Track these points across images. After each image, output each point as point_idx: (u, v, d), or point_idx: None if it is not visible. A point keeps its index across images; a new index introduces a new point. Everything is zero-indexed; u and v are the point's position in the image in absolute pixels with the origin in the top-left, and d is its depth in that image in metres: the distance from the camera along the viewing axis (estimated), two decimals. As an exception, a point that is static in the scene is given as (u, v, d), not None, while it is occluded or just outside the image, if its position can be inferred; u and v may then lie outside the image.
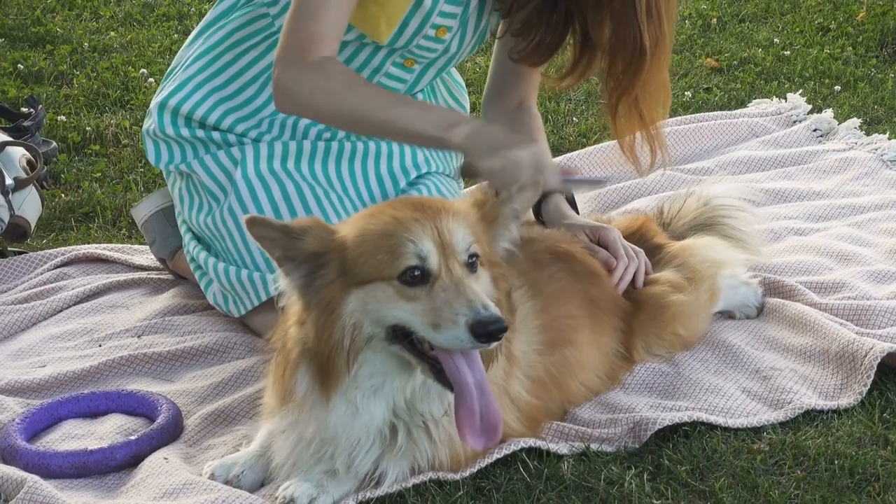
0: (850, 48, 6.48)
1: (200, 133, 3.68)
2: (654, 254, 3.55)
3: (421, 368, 2.68)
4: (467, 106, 4.06)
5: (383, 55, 3.59)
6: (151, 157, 3.77)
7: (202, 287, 3.74)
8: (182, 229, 3.82)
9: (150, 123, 3.76)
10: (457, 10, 3.52)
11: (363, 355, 2.68)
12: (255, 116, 3.65)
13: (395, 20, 3.47)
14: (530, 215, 3.65)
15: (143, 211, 4.06)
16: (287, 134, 3.64)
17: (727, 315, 3.67)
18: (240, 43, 3.65)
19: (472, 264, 2.67)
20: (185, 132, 3.69)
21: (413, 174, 3.73)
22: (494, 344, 2.60)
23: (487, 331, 2.54)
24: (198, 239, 3.75)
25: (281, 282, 2.75)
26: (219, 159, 3.64)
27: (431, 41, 3.55)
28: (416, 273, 2.62)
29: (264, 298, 3.55)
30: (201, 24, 3.80)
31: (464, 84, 4.08)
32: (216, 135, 3.66)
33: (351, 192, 3.54)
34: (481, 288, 2.65)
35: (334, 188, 3.52)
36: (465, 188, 4.05)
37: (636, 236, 3.61)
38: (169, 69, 3.85)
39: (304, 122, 3.63)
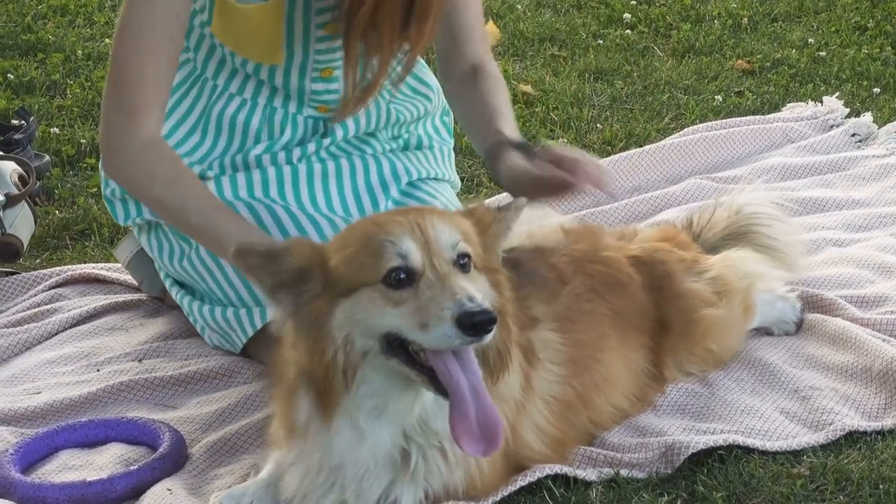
0: (890, 48, 6.48)
1: None
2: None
3: (420, 381, 2.68)
4: (437, 101, 3.93)
5: (297, 75, 3.59)
6: (120, 218, 3.82)
7: (198, 330, 3.76)
8: (162, 275, 3.85)
9: (108, 190, 3.80)
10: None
11: (361, 373, 2.69)
12: (205, 160, 3.66)
13: (278, 38, 3.49)
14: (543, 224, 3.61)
15: (124, 252, 4.04)
16: (240, 169, 3.64)
17: (765, 331, 3.67)
18: (171, 94, 3.60)
19: (463, 265, 2.69)
20: None
21: (394, 186, 3.71)
22: (487, 338, 2.59)
23: (474, 322, 2.55)
24: (180, 284, 3.78)
25: (273, 313, 2.77)
26: None
27: (328, 41, 3.55)
28: (402, 275, 2.63)
29: (251, 333, 3.57)
30: None
31: (432, 83, 3.93)
32: None
33: (324, 211, 3.54)
34: (477, 289, 2.66)
35: (305, 209, 3.52)
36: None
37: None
38: None
39: (255, 153, 3.63)
